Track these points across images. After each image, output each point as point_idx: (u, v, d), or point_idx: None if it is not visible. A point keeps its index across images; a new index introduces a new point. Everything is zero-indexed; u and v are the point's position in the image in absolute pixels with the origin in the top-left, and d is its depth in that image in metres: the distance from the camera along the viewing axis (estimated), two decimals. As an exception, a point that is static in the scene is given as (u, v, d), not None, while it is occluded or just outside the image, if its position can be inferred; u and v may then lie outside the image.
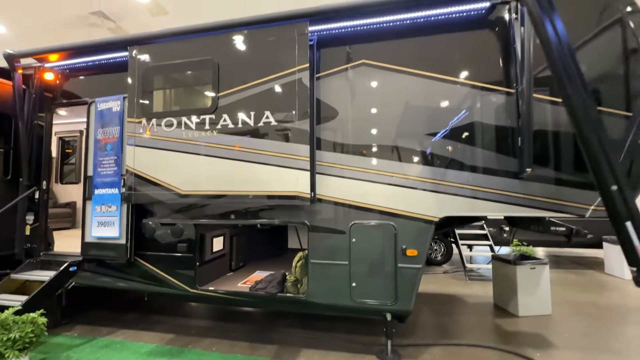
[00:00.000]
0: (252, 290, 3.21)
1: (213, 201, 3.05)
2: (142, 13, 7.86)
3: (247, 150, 2.93)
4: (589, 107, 1.43)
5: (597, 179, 1.44)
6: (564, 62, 1.45)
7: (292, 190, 2.81)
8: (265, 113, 2.91)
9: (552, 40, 1.41)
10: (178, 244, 3.30)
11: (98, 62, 3.76)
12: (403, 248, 2.76)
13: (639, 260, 1.42)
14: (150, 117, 3.20)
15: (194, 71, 3.19)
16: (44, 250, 3.84)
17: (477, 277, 5.83)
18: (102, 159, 3.49)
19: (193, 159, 3.05)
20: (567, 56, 1.45)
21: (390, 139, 2.86)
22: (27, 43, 8.57)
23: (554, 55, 1.45)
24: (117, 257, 3.38)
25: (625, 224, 1.35)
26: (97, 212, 3.47)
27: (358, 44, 2.99)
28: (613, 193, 1.37)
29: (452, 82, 2.82)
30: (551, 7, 1.45)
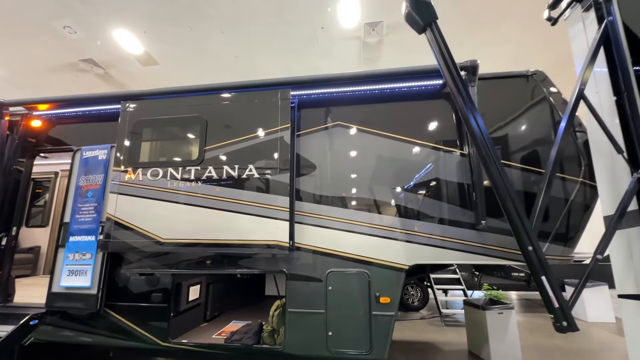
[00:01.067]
0: (227, 342, 3.15)
1: (193, 249, 3.11)
2: (131, 62, 8.30)
3: (229, 200, 3.10)
4: (505, 183, 1.78)
5: (517, 240, 1.74)
6: (483, 148, 1.83)
7: (272, 239, 2.95)
8: (248, 166, 3.14)
9: (475, 130, 1.80)
10: (152, 294, 3.24)
11: (86, 112, 3.95)
12: (377, 295, 2.90)
13: (554, 308, 1.68)
14: (137, 166, 3.34)
15: (183, 126, 3.44)
16: (3, 302, 3.60)
17: (452, 322, 5.91)
18: (81, 205, 3.50)
19: (176, 207, 3.16)
20: (485, 143, 1.83)
21: (363, 191, 3.15)
22: (10, 85, 8.65)
23: (476, 142, 1.83)
24: (86, 308, 3.24)
25: (542, 277, 1.63)
26: (69, 260, 3.38)
27: (334, 107, 3.41)
28: (530, 252, 1.66)
29: (415, 143, 3.23)
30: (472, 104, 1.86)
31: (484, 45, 7.04)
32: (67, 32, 7.13)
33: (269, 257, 3.08)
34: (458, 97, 1.86)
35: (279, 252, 2.96)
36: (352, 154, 3.25)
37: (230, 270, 3.17)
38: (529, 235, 1.66)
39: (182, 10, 6.35)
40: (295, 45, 7.29)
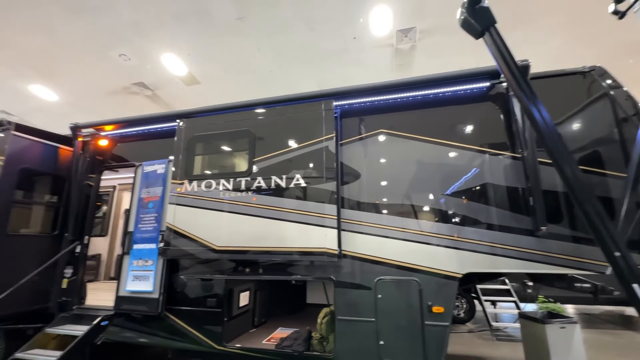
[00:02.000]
0: (279, 348, 3.22)
1: (245, 256, 3.25)
2: (176, 83, 8.96)
3: (278, 209, 3.21)
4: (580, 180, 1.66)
5: (600, 246, 1.62)
6: (552, 142, 1.73)
7: (320, 247, 3.01)
8: (295, 176, 3.26)
9: (540, 123, 1.72)
10: (207, 299, 3.42)
11: (146, 131, 4.33)
12: (429, 304, 2.83)
13: (650, 319, 1.52)
14: (192, 179, 3.59)
15: (233, 140, 3.66)
16: (77, 304, 3.98)
17: (505, 337, 5.54)
18: (143, 215, 3.82)
19: (229, 217, 3.34)
20: (553, 136, 1.74)
21: (411, 198, 3.12)
22: (75, 109, 9.68)
23: (543, 136, 1.74)
24: (149, 311, 3.50)
25: (632, 285, 1.49)
26: (133, 266, 3.69)
27: (376, 115, 3.44)
28: (617, 259, 1.53)
29: (462, 147, 3.15)
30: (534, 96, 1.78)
31: (525, 45, 6.73)
32: (122, 59, 7.89)
33: (318, 264, 3.14)
34: (523, 98, 1.80)
35: (328, 259, 3.00)
36: (397, 160, 3.25)
37: (279, 276, 3.26)
38: (614, 240, 1.54)
39: (222, 31, 6.78)
40: (327, 57, 7.45)
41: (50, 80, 8.84)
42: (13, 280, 3.60)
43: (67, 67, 8.30)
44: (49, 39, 7.34)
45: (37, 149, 4.13)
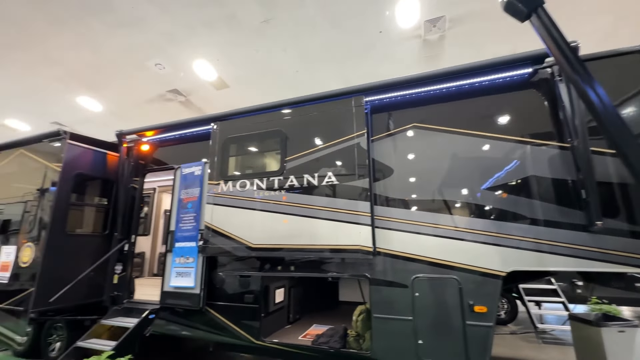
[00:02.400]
0: (315, 345, 3.25)
1: (280, 254, 3.32)
2: (207, 88, 9.33)
3: (311, 207, 3.24)
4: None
5: None
6: (614, 127, 1.57)
7: (355, 244, 2.99)
8: (327, 174, 3.26)
9: (598, 107, 1.56)
10: (245, 295, 3.54)
11: (183, 135, 4.55)
12: (470, 304, 2.72)
13: None
14: (227, 179, 3.72)
15: (265, 140, 3.75)
16: (127, 298, 4.29)
17: (552, 340, 5.19)
18: (183, 215, 4.02)
19: (263, 215, 3.43)
20: (616, 121, 1.57)
21: (448, 193, 3.01)
22: (116, 117, 10.40)
23: (603, 122, 1.58)
24: (191, 305, 3.68)
25: None
26: (176, 263, 3.90)
27: (408, 109, 3.35)
28: None
29: (502, 139, 2.98)
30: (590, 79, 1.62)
31: (569, 25, 6.22)
32: (157, 68, 8.35)
33: (352, 262, 3.13)
34: (578, 81, 1.65)
35: (362, 257, 2.98)
36: (431, 154, 3.15)
37: (314, 274, 3.29)
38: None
39: (249, 35, 6.94)
40: (353, 54, 7.39)
41: (96, 92, 9.57)
42: (72, 275, 3.96)
43: (110, 79, 8.94)
44: (93, 54, 7.93)
45: (89, 156, 4.49)
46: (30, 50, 7.85)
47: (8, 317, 3.93)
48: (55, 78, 8.83)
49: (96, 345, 3.62)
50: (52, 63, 8.21)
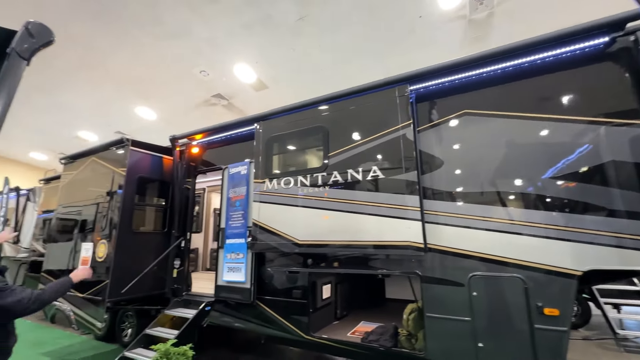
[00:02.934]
0: (364, 342, 3.20)
1: (325, 250, 3.31)
2: (247, 90, 9.68)
3: (356, 203, 3.18)
4: None
5: None
6: None
7: (404, 240, 2.87)
8: (372, 168, 3.17)
9: None
10: (293, 290, 3.60)
11: (229, 136, 4.74)
12: (539, 306, 2.46)
13: None
14: (272, 177, 3.80)
15: (307, 137, 3.75)
16: (185, 291, 4.62)
17: (636, 348, 4.54)
18: (232, 213, 4.21)
19: (308, 211, 3.45)
20: None
21: (507, 184, 2.75)
22: (167, 124, 11.24)
23: None
24: (243, 299, 3.85)
25: None
26: (227, 259, 4.10)
27: (458, 94, 3.12)
28: None
29: (571, 120, 2.64)
30: None
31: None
32: (202, 75, 8.85)
33: (401, 258, 3.01)
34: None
35: (412, 253, 2.85)
36: (486, 142, 2.89)
37: (361, 270, 3.24)
38: None
39: (285, 34, 7.02)
40: (392, 43, 7.11)
41: (150, 102, 10.44)
42: (138, 269, 4.37)
43: (162, 89, 9.68)
44: (146, 67, 8.63)
45: (147, 160, 4.90)
46: (94, 68, 8.79)
47: (89, 305, 4.46)
48: (116, 92, 9.79)
49: (161, 333, 3.96)
50: (112, 78, 9.10)
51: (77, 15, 6.73)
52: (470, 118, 3.00)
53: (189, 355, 3.35)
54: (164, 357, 3.21)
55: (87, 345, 5.28)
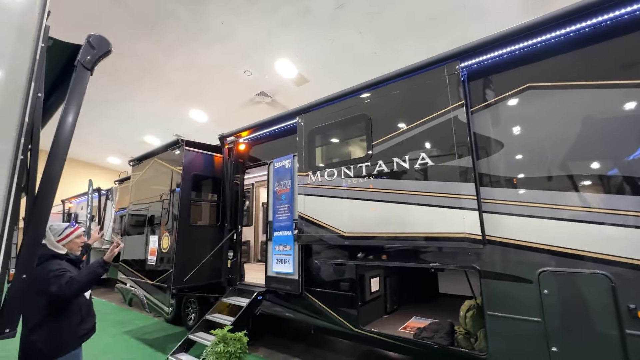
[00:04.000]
0: (417, 338, 3.05)
1: (372, 242, 3.21)
2: (289, 86, 9.82)
3: (403, 193, 3.01)
4: None
5: None
6: None
7: (459, 232, 2.65)
8: (420, 155, 2.96)
9: None
10: (341, 282, 3.57)
11: (273, 132, 4.85)
12: (631, 308, 2.08)
13: None
14: (315, 169, 3.79)
15: (349, 127, 3.65)
16: (239, 281, 4.89)
17: None
18: (278, 206, 4.30)
19: (353, 203, 3.36)
20: None
21: (582, 167, 2.35)
22: (217, 124, 11.93)
23: None
24: (292, 290, 3.93)
25: None
26: (276, 251, 4.22)
27: (519, 67, 2.74)
28: None
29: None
30: None
31: None
32: (246, 75, 9.20)
33: (456, 251, 2.78)
34: None
35: (468, 245, 2.61)
36: (556, 119, 2.50)
37: (412, 264, 3.07)
38: None
39: (323, 24, 6.92)
40: (437, 20, 6.58)
41: (202, 105, 11.18)
42: (197, 260, 4.72)
43: (211, 92, 10.30)
44: (197, 72, 9.23)
45: (200, 159, 5.25)
46: (152, 77, 9.66)
47: (158, 291, 4.96)
48: (172, 98, 10.66)
49: (219, 319, 4.25)
50: (169, 85, 9.92)
51: (135, 30, 7.43)
52: (535, 93, 2.63)
53: (244, 341, 3.53)
54: (221, 342, 3.43)
55: (158, 326, 5.91)
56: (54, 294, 2.12)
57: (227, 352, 3.33)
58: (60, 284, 2.13)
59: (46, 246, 2.36)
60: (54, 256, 2.35)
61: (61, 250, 2.39)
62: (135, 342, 5.02)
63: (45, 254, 2.33)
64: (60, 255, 2.38)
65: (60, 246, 2.40)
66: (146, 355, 4.47)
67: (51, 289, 2.12)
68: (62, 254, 2.39)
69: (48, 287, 2.12)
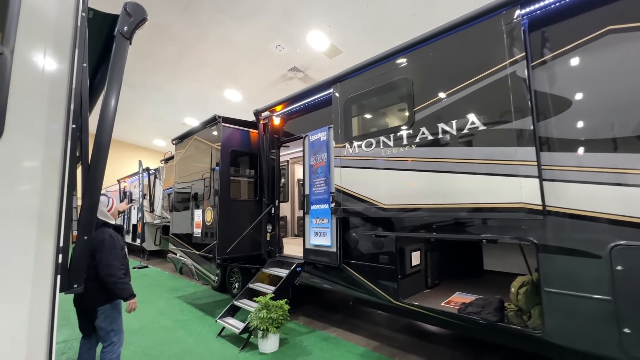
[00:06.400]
0: (462, 313, 2.92)
1: (415, 214, 3.06)
2: (321, 59, 9.50)
3: (450, 161, 2.78)
4: None
5: None
6: None
7: (514, 202, 2.40)
8: (469, 118, 2.69)
9: None
10: (380, 255, 3.50)
11: (307, 104, 4.73)
12: None
13: None
14: (352, 140, 3.65)
15: (388, 93, 3.42)
16: (278, 253, 5.04)
17: None
18: (314, 180, 4.27)
19: (393, 174, 3.21)
20: None
21: (680, 122, 1.96)
22: (249, 103, 12.05)
23: None
24: (330, 262, 3.96)
25: None
26: (313, 224, 4.24)
27: (596, 8, 2.30)
28: None
29: None
30: None
31: None
32: (278, 50, 9.04)
33: (509, 222, 2.54)
34: None
35: (526, 216, 2.37)
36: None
37: (458, 236, 2.89)
38: None
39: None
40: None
41: (236, 84, 11.32)
42: (238, 233, 4.92)
43: (244, 70, 10.33)
44: (230, 50, 9.26)
45: (237, 135, 5.34)
46: (189, 60, 9.89)
47: (205, 261, 5.30)
48: (208, 78, 10.89)
49: (261, 288, 4.45)
50: (205, 65, 10.10)
51: (169, 11, 7.55)
52: (617, 37, 2.20)
53: (285, 309, 3.67)
54: (264, 308, 3.59)
55: (207, 293, 6.40)
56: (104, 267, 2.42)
57: (269, 318, 3.49)
58: (109, 264, 2.45)
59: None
60: (105, 224, 2.59)
61: (111, 219, 2.63)
62: (187, 306, 5.49)
63: (98, 221, 2.59)
64: (109, 224, 2.61)
65: (110, 215, 2.63)
66: (197, 317, 4.88)
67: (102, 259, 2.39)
68: (111, 222, 2.62)
69: (100, 254, 2.39)
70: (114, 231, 2.65)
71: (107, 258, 2.43)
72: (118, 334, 2.58)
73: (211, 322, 4.59)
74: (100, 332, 2.53)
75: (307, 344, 3.75)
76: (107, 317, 2.52)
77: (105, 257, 2.43)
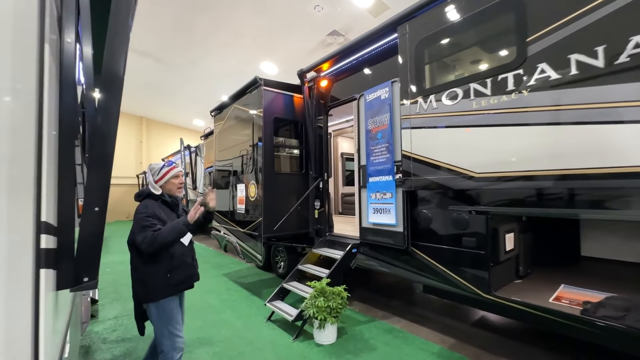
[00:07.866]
0: (593, 316, 2.17)
1: (523, 184, 2.29)
2: (366, 18, 8.46)
3: (593, 106, 1.94)
4: None
5: None
6: None
7: None
8: (629, 40, 1.80)
9: None
10: (464, 237, 2.80)
11: (362, 58, 3.97)
12: None
13: None
14: (427, 93, 2.88)
15: (483, 23, 2.56)
16: (328, 232, 4.52)
17: None
18: (373, 148, 3.59)
19: (491, 132, 2.43)
20: None
21: None
22: (286, 75, 11.38)
23: None
24: (395, 244, 3.34)
25: None
26: (372, 199, 3.61)
27: None
28: None
29: None
30: None
31: None
32: (316, 11, 8.17)
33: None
34: None
35: None
36: None
37: (597, 214, 2.10)
38: None
39: None
40: None
41: (272, 55, 10.69)
42: (284, 209, 4.46)
43: (280, 39, 9.63)
44: (265, 18, 8.57)
45: (280, 100, 4.76)
46: (225, 31, 9.38)
47: (249, 239, 4.98)
48: (244, 50, 10.36)
49: (312, 270, 4.00)
50: (240, 36, 9.55)
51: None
52: None
53: (344, 296, 3.17)
54: (320, 295, 3.12)
55: (251, 271, 6.19)
56: (138, 244, 1.97)
57: (327, 307, 3.01)
58: (144, 237, 1.95)
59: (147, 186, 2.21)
60: (150, 195, 2.16)
61: (157, 190, 2.18)
62: (233, 285, 5.28)
63: (143, 191, 2.17)
64: (155, 195, 2.17)
65: (157, 186, 2.18)
66: (244, 297, 4.61)
67: (136, 238, 1.96)
68: (156, 194, 2.17)
69: (136, 231, 1.96)
70: (161, 205, 2.15)
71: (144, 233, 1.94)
72: (171, 338, 2.05)
73: (258, 303, 4.28)
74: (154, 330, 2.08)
75: (369, 336, 3.25)
76: (153, 315, 2.06)
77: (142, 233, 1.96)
